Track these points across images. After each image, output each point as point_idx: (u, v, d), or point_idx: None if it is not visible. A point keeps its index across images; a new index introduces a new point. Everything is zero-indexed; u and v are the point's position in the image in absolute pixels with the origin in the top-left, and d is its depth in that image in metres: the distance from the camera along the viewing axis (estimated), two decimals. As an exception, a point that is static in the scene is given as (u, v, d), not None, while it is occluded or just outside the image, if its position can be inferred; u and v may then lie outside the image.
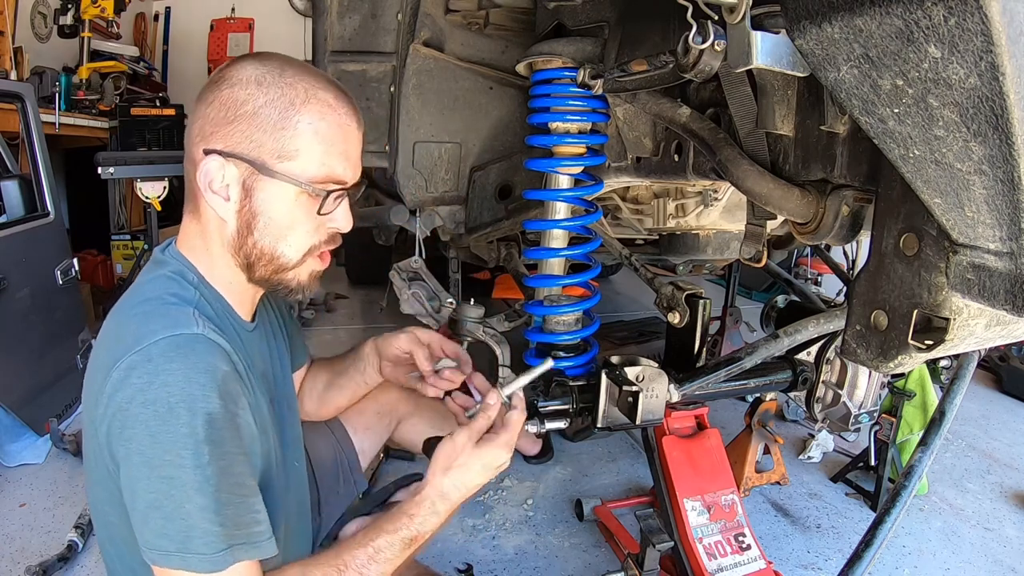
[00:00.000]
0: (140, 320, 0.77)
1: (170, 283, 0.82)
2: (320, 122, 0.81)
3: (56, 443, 1.98)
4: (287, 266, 0.86)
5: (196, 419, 0.71)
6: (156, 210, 3.03)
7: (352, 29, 1.46)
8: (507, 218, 1.65)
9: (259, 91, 0.79)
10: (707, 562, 1.28)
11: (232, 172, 0.80)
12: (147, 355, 0.73)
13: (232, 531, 0.73)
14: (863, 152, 0.75)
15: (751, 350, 1.30)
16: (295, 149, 0.80)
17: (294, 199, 0.82)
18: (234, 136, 0.79)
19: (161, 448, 0.70)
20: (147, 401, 0.71)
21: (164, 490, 0.70)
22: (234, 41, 5.71)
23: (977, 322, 0.63)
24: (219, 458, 0.72)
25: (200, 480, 0.71)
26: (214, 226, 0.84)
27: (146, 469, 0.71)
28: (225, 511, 0.73)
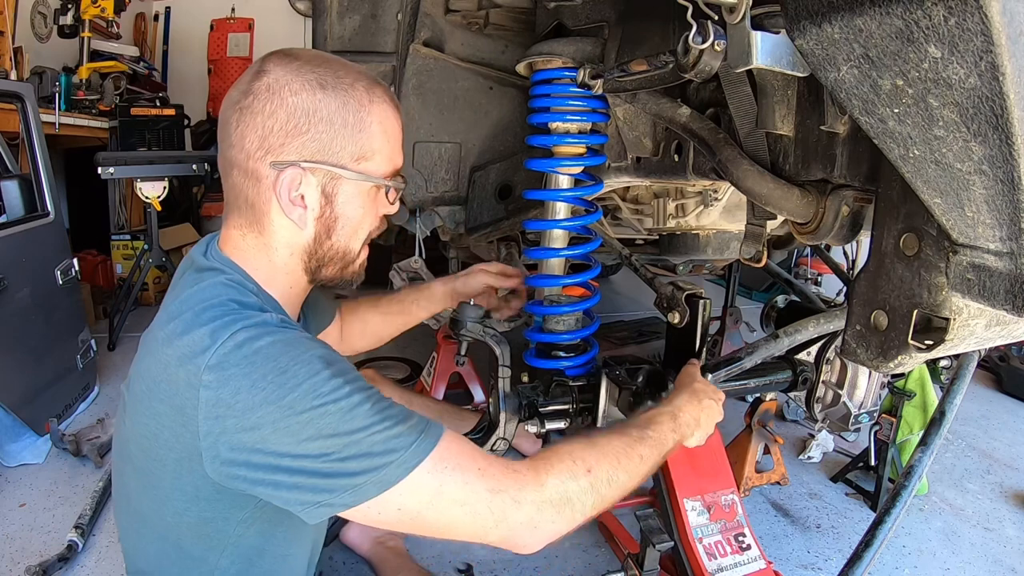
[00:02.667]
0: (211, 325, 0.73)
1: (229, 290, 0.78)
2: (386, 120, 0.83)
3: (56, 443, 1.98)
4: (352, 259, 0.88)
5: (314, 363, 0.71)
6: (156, 210, 3.03)
7: (352, 29, 1.46)
8: (507, 218, 1.65)
9: (327, 96, 0.78)
10: (707, 562, 1.28)
11: (310, 180, 0.79)
12: (236, 342, 0.71)
13: (409, 423, 0.73)
14: (863, 152, 0.75)
15: (751, 350, 1.30)
16: (372, 150, 0.82)
17: (367, 195, 0.84)
18: (312, 145, 0.78)
19: (294, 400, 0.68)
20: (256, 380, 0.69)
21: (322, 427, 0.68)
22: (234, 41, 5.71)
23: (977, 322, 0.63)
24: (352, 381, 0.73)
25: (348, 401, 0.70)
26: (284, 236, 0.83)
27: (290, 428, 0.68)
28: (389, 411, 0.73)
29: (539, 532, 0.77)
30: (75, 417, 2.26)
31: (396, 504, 0.71)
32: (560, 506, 0.78)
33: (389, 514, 0.72)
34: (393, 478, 0.70)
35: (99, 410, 2.32)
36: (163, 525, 0.81)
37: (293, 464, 0.69)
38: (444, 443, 0.74)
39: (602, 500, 0.82)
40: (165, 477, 0.76)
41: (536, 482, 0.77)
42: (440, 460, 0.73)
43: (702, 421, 1.03)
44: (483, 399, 2.27)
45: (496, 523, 0.75)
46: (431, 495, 0.72)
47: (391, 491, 0.70)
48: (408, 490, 0.71)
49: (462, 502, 0.73)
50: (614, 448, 0.86)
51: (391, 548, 1.52)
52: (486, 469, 0.75)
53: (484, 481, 0.74)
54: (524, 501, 0.75)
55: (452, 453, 0.74)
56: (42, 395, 2.07)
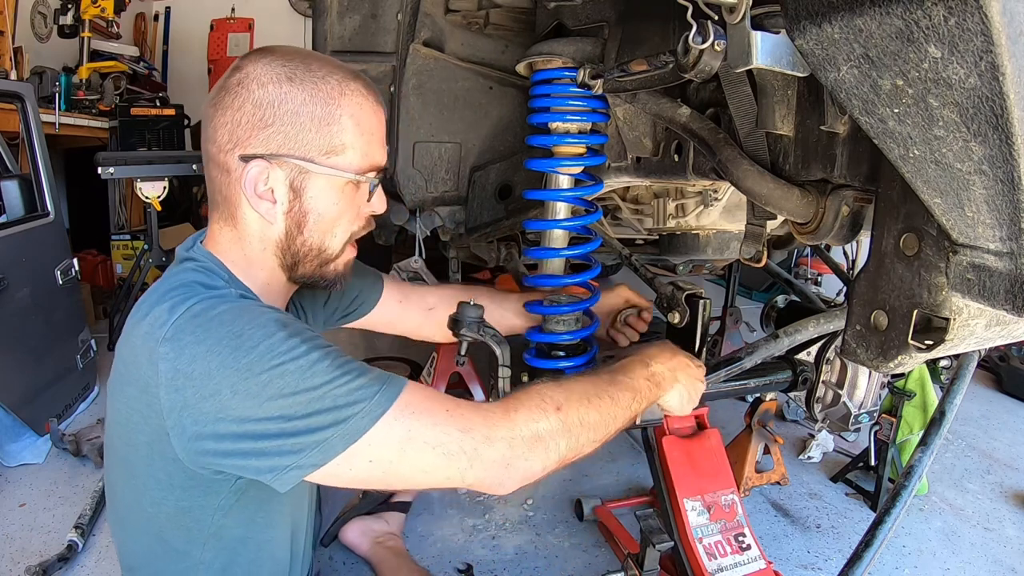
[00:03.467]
0: (171, 301, 0.74)
1: (197, 274, 0.80)
2: (360, 114, 0.81)
3: (56, 443, 1.98)
4: (331, 257, 0.87)
5: (269, 326, 0.71)
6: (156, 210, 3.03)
7: (352, 29, 1.45)
8: (507, 218, 1.65)
9: (294, 88, 0.77)
10: (707, 562, 1.28)
11: (278, 174, 0.79)
12: (191, 313, 0.72)
13: (371, 375, 0.73)
14: (863, 152, 0.75)
15: (751, 350, 1.30)
16: (341, 144, 0.80)
17: (340, 191, 0.82)
18: (276, 138, 0.78)
19: (251, 362, 0.68)
20: (211, 345, 0.69)
21: (282, 386, 0.68)
22: (234, 41, 5.71)
23: (977, 322, 0.63)
24: (308, 339, 0.72)
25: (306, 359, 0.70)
26: (255, 230, 0.83)
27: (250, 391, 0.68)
28: (349, 365, 0.72)
29: (512, 470, 0.76)
30: (75, 417, 2.26)
31: (367, 456, 0.70)
32: (532, 443, 0.77)
33: (361, 468, 0.71)
34: (360, 429, 0.69)
35: (99, 410, 2.32)
36: (144, 517, 0.81)
37: (257, 428, 0.68)
38: (408, 391, 0.74)
39: (575, 441, 0.82)
40: (140, 464, 0.77)
41: (505, 418, 0.77)
42: (406, 406, 0.72)
43: (680, 377, 1.00)
44: (483, 399, 2.27)
45: (470, 462, 0.74)
46: (401, 441, 0.71)
47: (359, 443, 0.69)
48: (377, 440, 0.70)
49: (434, 444, 0.72)
50: (583, 388, 0.86)
51: (390, 548, 1.52)
52: (454, 410, 0.75)
53: (454, 421, 0.74)
54: (495, 438, 0.75)
55: (417, 399, 0.74)
56: (42, 395, 2.07)
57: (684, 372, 1.02)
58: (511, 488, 0.78)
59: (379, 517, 1.60)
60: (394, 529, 1.60)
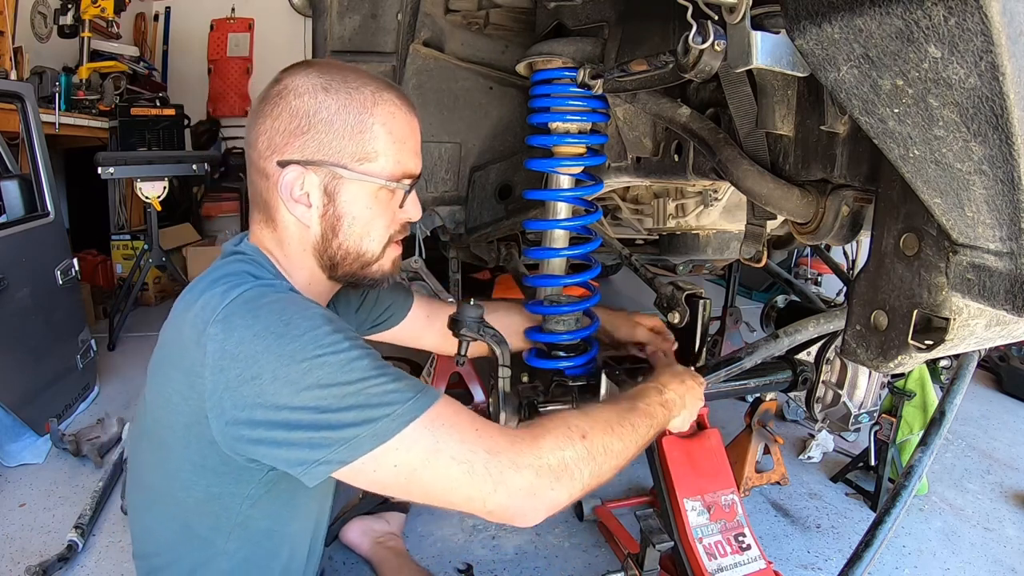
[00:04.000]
0: (224, 286, 0.77)
1: (246, 265, 0.84)
2: (392, 123, 0.85)
3: (56, 443, 1.98)
4: (371, 260, 0.90)
5: (316, 319, 0.74)
6: (156, 210, 3.03)
7: (352, 29, 1.45)
8: (507, 218, 1.65)
9: (328, 97, 0.81)
10: (707, 562, 1.28)
11: (313, 179, 0.83)
12: (244, 298, 0.75)
13: (407, 381, 0.75)
14: (863, 152, 0.75)
15: (751, 350, 1.30)
16: (374, 151, 0.83)
17: (374, 197, 0.86)
18: (312, 144, 0.82)
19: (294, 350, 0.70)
20: (259, 330, 0.71)
21: (320, 376, 0.70)
22: (234, 41, 5.71)
23: (977, 322, 0.63)
24: (352, 337, 0.75)
25: (347, 354, 0.72)
26: (294, 232, 0.86)
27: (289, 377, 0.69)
28: (387, 368, 0.74)
29: (538, 500, 0.76)
30: (75, 417, 2.26)
31: (392, 460, 0.71)
32: (559, 472, 0.77)
33: (385, 471, 0.72)
34: (390, 431, 0.70)
35: (99, 410, 2.32)
36: (173, 502, 0.82)
37: (291, 417, 0.70)
38: (441, 403, 0.75)
39: (599, 468, 0.82)
40: (175, 446, 0.79)
41: (533, 445, 0.77)
42: (437, 417, 0.73)
43: (687, 401, 1.05)
44: (483, 399, 2.27)
45: (495, 487, 0.73)
46: (428, 451, 0.72)
47: (387, 445, 0.70)
48: (405, 445, 0.71)
49: (460, 460, 0.73)
50: (606, 416, 0.87)
51: (391, 548, 1.52)
52: (483, 430, 0.76)
53: (482, 441, 0.74)
54: (522, 464, 0.75)
55: (449, 412, 0.75)
56: (42, 395, 2.07)
57: (691, 395, 1.06)
58: (535, 520, 0.77)
59: (379, 517, 1.60)
60: (394, 529, 1.60)
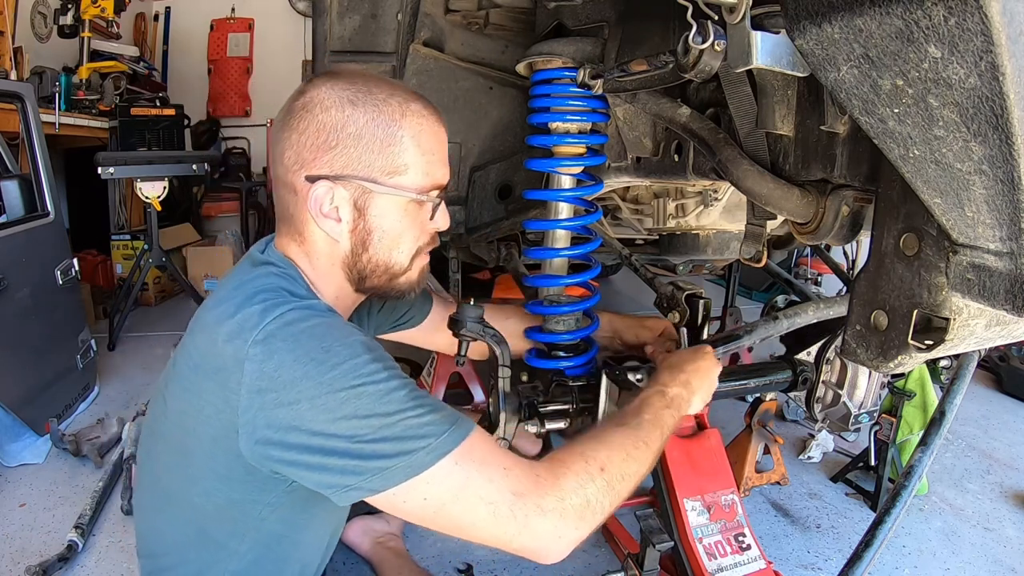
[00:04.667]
0: (263, 304, 0.76)
1: (281, 280, 0.82)
2: (421, 135, 0.84)
3: (56, 443, 1.98)
4: (400, 272, 0.89)
5: (356, 346, 0.74)
6: (156, 210, 3.03)
7: (352, 29, 1.45)
8: (507, 218, 1.65)
9: (356, 111, 0.81)
10: (707, 562, 1.28)
11: (342, 194, 0.82)
12: (284, 320, 0.74)
13: (442, 412, 0.74)
14: (863, 152, 0.75)
15: (751, 328, 1.29)
16: (403, 164, 0.83)
17: (403, 210, 0.85)
18: (340, 159, 0.81)
19: (333, 378, 0.70)
20: (300, 355, 0.71)
21: (358, 407, 0.70)
22: (234, 41, 5.71)
23: (977, 322, 0.63)
24: (390, 367, 0.75)
25: (386, 385, 0.72)
26: (323, 247, 0.86)
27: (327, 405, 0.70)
28: (424, 400, 0.74)
29: (563, 541, 0.76)
30: (75, 417, 2.26)
31: (423, 493, 0.71)
32: (582, 512, 0.77)
33: (414, 503, 0.72)
34: (423, 464, 0.71)
35: (99, 410, 2.32)
36: (190, 506, 0.82)
37: (326, 444, 0.70)
38: (474, 437, 0.75)
39: (617, 497, 0.82)
40: (199, 454, 0.78)
41: (556, 487, 0.76)
42: (469, 452, 0.73)
43: (695, 386, 1.03)
44: (483, 399, 2.27)
45: (519, 530, 0.74)
46: (457, 487, 0.72)
47: (419, 478, 0.71)
48: (436, 479, 0.71)
49: (488, 500, 0.73)
50: (619, 441, 0.86)
51: (391, 548, 1.52)
52: (511, 469, 0.75)
53: (508, 481, 0.74)
54: (546, 508, 0.75)
55: (480, 448, 0.75)
56: (42, 395, 2.07)
57: (697, 377, 1.05)
58: (559, 557, 0.77)
59: (380, 517, 1.59)
60: (395, 529, 1.60)
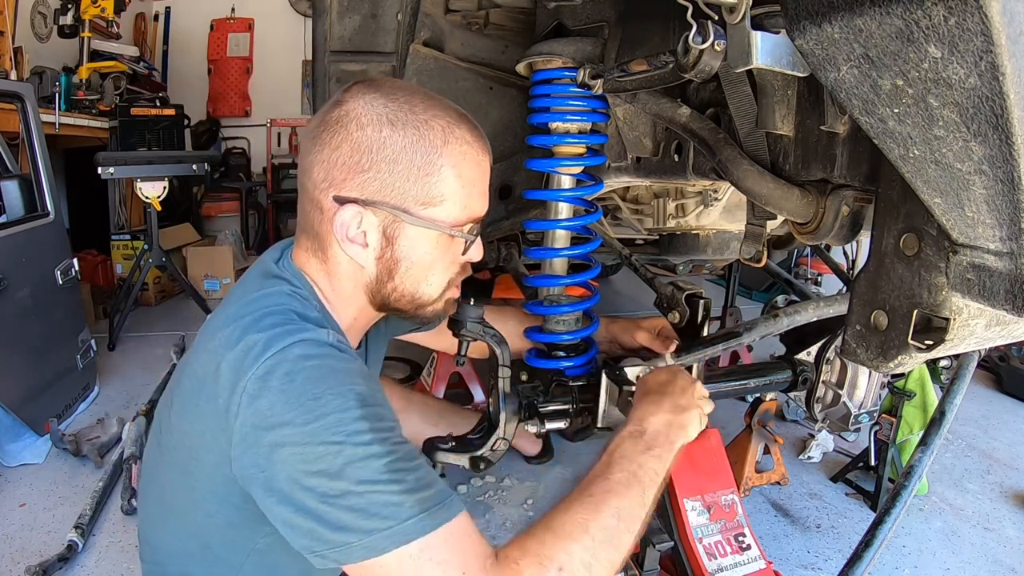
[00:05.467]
0: (268, 333, 0.72)
1: (293, 300, 0.78)
2: (462, 164, 0.78)
3: (56, 443, 1.98)
4: (427, 303, 0.85)
5: (348, 398, 0.69)
6: (156, 210, 3.03)
7: (352, 29, 1.45)
8: (507, 218, 1.65)
9: (395, 133, 0.75)
10: (707, 562, 1.28)
11: (371, 220, 0.77)
12: (284, 357, 0.70)
13: (418, 495, 0.69)
14: (863, 152, 0.75)
15: (750, 326, 1.29)
16: (440, 195, 0.78)
17: (435, 242, 0.80)
18: (373, 184, 0.76)
19: (315, 429, 0.67)
20: (291, 398, 0.68)
21: (331, 465, 0.67)
22: (234, 41, 5.72)
23: (977, 322, 0.63)
24: (379, 429, 0.70)
25: (365, 449, 0.68)
26: (346, 269, 0.81)
27: (305, 456, 0.67)
28: (404, 474, 0.69)
29: None
30: (75, 417, 2.26)
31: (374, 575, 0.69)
32: None
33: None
34: (379, 548, 0.67)
35: (99, 410, 2.32)
36: (194, 524, 0.81)
37: (300, 498, 0.68)
38: (442, 532, 0.69)
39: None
40: (202, 478, 0.76)
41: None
42: (428, 548, 0.68)
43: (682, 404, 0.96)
44: (483, 399, 2.27)
45: None
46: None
47: (373, 562, 0.67)
48: (388, 566, 0.67)
49: None
50: (580, 524, 0.76)
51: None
52: (469, 575, 0.69)
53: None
54: None
55: (444, 546, 0.69)
56: (42, 395, 2.07)
57: (684, 398, 0.97)
58: None
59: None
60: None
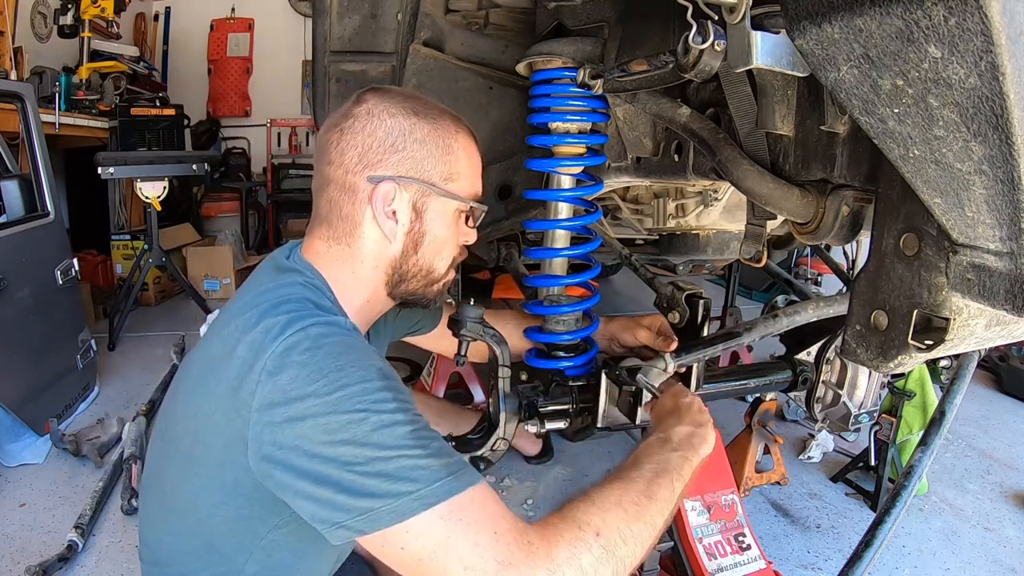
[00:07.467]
0: (287, 316, 0.76)
1: (307, 290, 0.82)
2: (469, 148, 0.92)
3: (56, 443, 1.98)
4: (437, 279, 0.93)
5: (370, 371, 0.73)
6: (156, 210, 3.03)
7: (352, 29, 1.45)
8: (507, 218, 1.65)
9: (420, 120, 0.87)
10: (707, 562, 1.28)
11: (404, 195, 0.86)
12: (306, 334, 0.73)
13: (443, 460, 0.71)
14: (863, 152, 0.75)
15: (750, 326, 1.29)
16: (457, 172, 0.89)
17: (452, 216, 0.90)
18: (406, 162, 0.85)
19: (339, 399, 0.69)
20: (313, 371, 0.70)
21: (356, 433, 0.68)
22: (234, 41, 5.72)
23: (977, 322, 0.63)
24: (401, 400, 0.73)
25: (390, 417, 0.70)
26: (371, 248, 0.87)
27: (328, 426, 0.68)
28: (428, 442, 0.71)
29: None
30: (75, 417, 2.26)
31: (400, 542, 0.68)
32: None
33: (392, 550, 0.69)
34: (406, 511, 0.67)
35: (99, 410, 2.32)
36: (197, 519, 0.81)
37: (321, 469, 0.68)
38: (469, 493, 0.70)
39: (621, 563, 0.74)
40: (209, 464, 0.77)
41: (548, 559, 0.69)
42: (459, 509, 0.69)
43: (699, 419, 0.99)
44: (483, 399, 2.27)
45: None
46: (437, 545, 0.68)
47: (400, 526, 0.68)
48: (417, 530, 0.68)
49: (467, 565, 0.68)
50: (615, 499, 0.79)
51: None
52: (502, 535, 0.69)
53: (496, 549, 0.68)
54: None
55: (474, 506, 0.70)
56: (42, 395, 2.07)
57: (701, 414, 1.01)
58: None
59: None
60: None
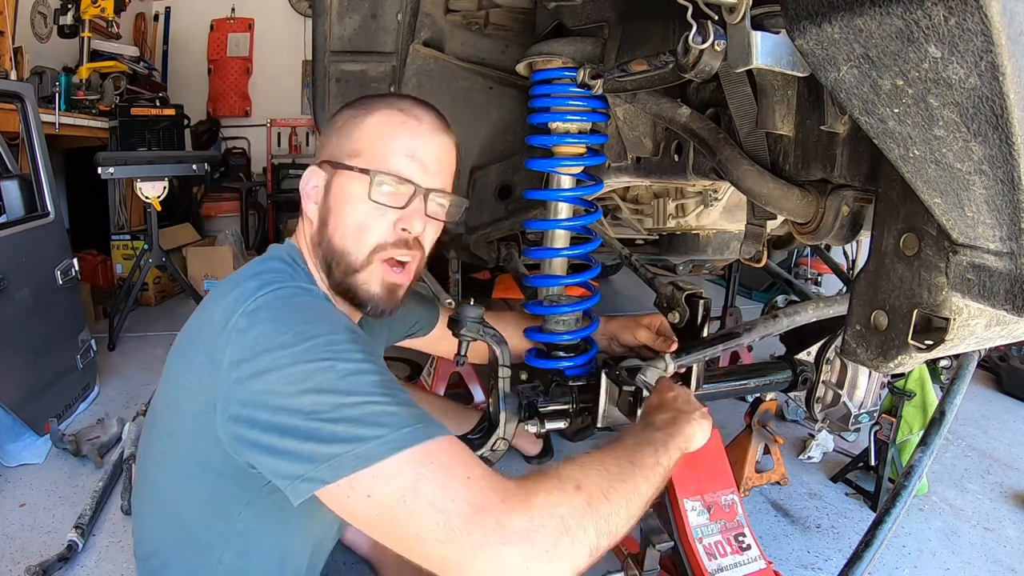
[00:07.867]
0: (260, 280, 0.80)
1: (282, 264, 0.89)
2: (386, 123, 0.90)
3: (56, 443, 1.98)
4: (355, 266, 0.90)
5: (337, 325, 0.76)
6: (156, 210, 3.03)
7: (352, 29, 1.45)
8: (507, 218, 1.65)
9: (348, 110, 0.94)
10: (707, 562, 1.28)
11: (320, 175, 0.93)
12: (276, 295, 0.78)
13: (410, 409, 0.71)
14: (863, 152, 0.75)
15: (750, 326, 1.29)
16: (362, 147, 0.90)
17: (362, 194, 0.88)
18: (326, 148, 0.94)
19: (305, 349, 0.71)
20: (280, 325, 0.73)
21: (322, 381, 0.69)
22: (234, 41, 5.71)
23: (977, 322, 0.63)
24: (369, 354, 0.75)
25: (356, 366, 0.72)
26: (307, 228, 0.94)
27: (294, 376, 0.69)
28: (394, 391, 0.72)
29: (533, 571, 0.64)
30: (75, 417, 2.26)
31: (367, 489, 0.66)
32: (556, 537, 0.66)
33: (358, 499, 0.66)
34: (373, 455, 0.65)
35: (99, 410, 2.32)
36: (174, 499, 0.83)
37: (287, 421, 0.69)
38: (440, 441, 0.69)
39: (607, 523, 0.73)
40: (183, 436, 0.80)
41: (525, 504, 0.67)
42: (427, 454, 0.67)
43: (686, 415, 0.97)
44: (483, 399, 2.27)
45: (474, 551, 0.64)
46: (405, 488, 0.65)
47: (367, 471, 0.65)
48: (384, 473, 0.65)
49: (438, 508, 0.65)
50: (596, 460, 0.78)
51: (392, 549, 1.52)
52: (476, 480, 0.68)
53: (468, 492, 0.66)
54: (512, 529, 0.65)
55: (443, 452, 0.69)
56: (42, 395, 2.07)
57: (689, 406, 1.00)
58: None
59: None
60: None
